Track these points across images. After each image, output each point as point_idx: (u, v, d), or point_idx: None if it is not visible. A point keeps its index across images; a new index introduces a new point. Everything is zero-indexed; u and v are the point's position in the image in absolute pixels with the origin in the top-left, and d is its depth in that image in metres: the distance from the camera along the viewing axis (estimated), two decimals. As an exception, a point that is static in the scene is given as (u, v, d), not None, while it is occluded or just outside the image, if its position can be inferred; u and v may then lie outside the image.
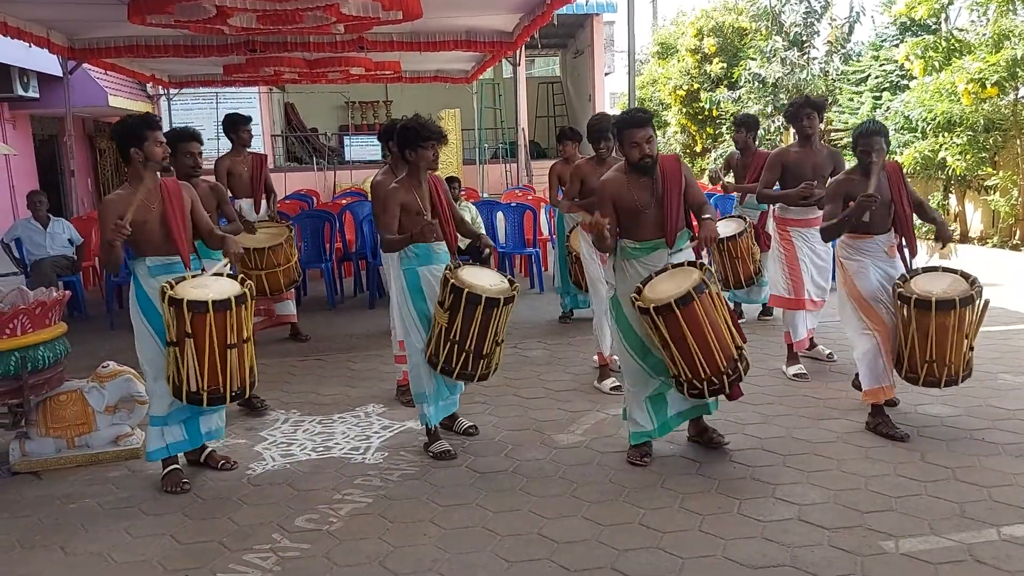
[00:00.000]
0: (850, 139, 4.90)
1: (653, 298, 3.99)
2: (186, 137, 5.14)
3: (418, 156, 4.43)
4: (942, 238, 4.56)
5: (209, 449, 4.45)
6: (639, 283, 4.14)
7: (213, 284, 4.04)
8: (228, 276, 4.19)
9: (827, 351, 6.07)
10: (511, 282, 4.43)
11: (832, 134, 14.45)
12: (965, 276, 4.39)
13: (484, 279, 4.35)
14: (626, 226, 4.28)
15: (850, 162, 5.16)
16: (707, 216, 4.16)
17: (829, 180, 5.45)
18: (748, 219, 6.82)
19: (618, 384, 5.49)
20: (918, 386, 4.46)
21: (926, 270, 4.53)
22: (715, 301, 4.05)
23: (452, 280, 4.19)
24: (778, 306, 6.02)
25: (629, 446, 4.32)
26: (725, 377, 4.03)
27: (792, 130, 6.05)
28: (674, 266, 4.17)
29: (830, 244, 5.78)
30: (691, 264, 4.16)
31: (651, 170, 4.18)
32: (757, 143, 7.38)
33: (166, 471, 4.16)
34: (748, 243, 6.80)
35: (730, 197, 8.40)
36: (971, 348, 4.36)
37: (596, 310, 5.68)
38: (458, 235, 4.71)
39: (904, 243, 4.63)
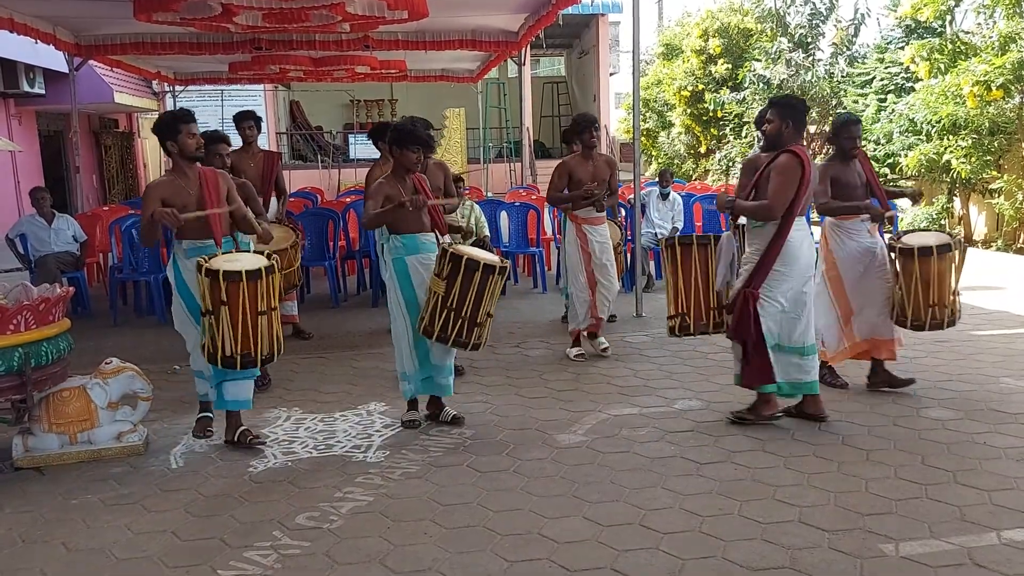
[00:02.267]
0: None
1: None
2: (215, 140, 5.64)
3: (401, 155, 4.80)
4: (916, 197, 5.57)
5: (243, 428, 4.68)
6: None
7: (243, 258, 4.48)
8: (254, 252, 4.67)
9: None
10: (502, 258, 4.78)
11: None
12: (940, 231, 5.39)
13: (478, 253, 4.73)
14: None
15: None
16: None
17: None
18: None
19: (583, 352, 6.28)
20: (925, 331, 5.12)
21: (907, 232, 5.34)
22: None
23: (451, 251, 4.55)
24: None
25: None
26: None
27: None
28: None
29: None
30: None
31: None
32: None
33: (199, 416, 4.82)
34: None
35: None
36: (956, 292, 5.11)
37: (572, 292, 6.38)
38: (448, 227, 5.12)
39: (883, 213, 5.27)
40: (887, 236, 5.39)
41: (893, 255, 5.16)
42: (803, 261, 4.65)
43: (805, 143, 5.95)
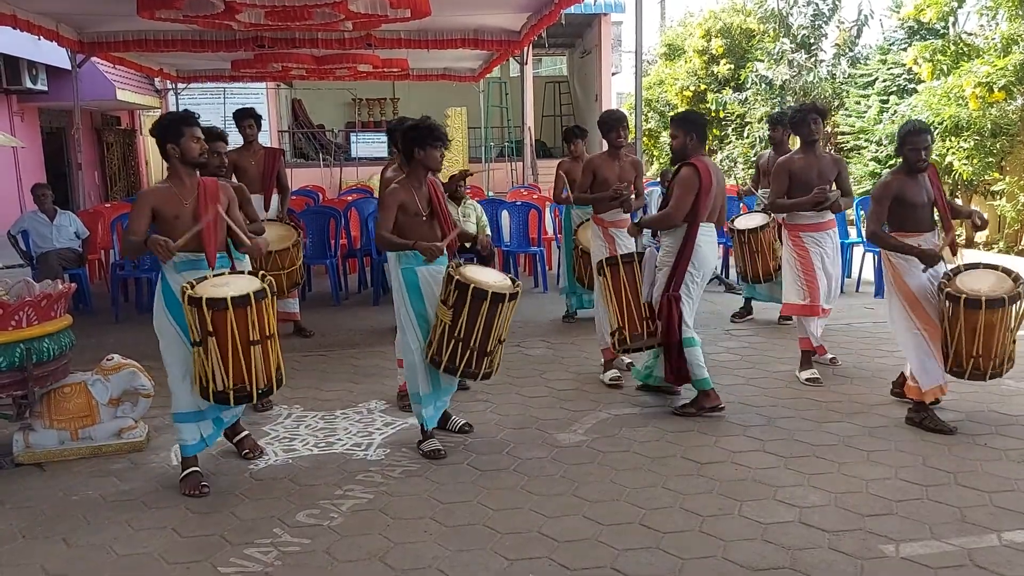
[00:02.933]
0: (860, 142, 5.10)
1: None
2: (212, 136, 5.16)
3: (426, 155, 4.45)
4: (978, 224, 4.74)
5: (244, 433, 4.53)
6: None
7: (233, 281, 4.00)
8: (248, 273, 4.18)
9: (830, 356, 6.05)
10: (513, 281, 4.44)
11: (839, 137, 14.43)
12: (1007, 272, 4.60)
13: (487, 276, 4.37)
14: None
15: (855, 164, 5.35)
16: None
17: (837, 183, 5.77)
18: (774, 216, 6.85)
19: (619, 375, 5.63)
20: (963, 379, 4.61)
21: (968, 267, 4.67)
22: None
23: (456, 277, 4.20)
24: (793, 313, 5.89)
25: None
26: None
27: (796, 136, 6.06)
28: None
29: (837, 252, 5.84)
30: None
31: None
32: (764, 145, 7.45)
33: (186, 473, 4.09)
34: (771, 237, 6.87)
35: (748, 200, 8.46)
36: (1014, 341, 4.55)
37: (600, 306, 5.70)
38: (466, 241, 4.95)
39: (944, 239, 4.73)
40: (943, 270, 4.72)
41: (940, 295, 4.55)
42: (710, 263, 5.08)
43: (822, 143, 5.89)
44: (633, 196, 5.86)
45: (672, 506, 3.76)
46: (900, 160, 4.77)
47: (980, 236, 11.32)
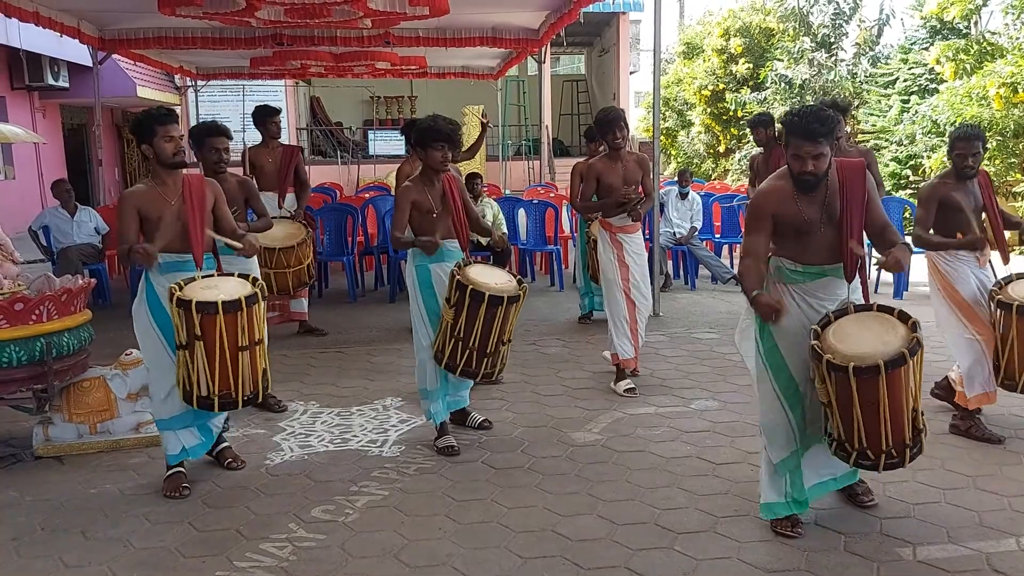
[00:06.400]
0: (880, 141, 4.97)
1: (850, 354, 3.20)
2: (213, 131, 5.07)
3: (427, 156, 4.48)
4: None
5: (223, 445, 4.39)
6: (815, 325, 3.38)
7: (223, 284, 3.93)
8: (239, 276, 4.08)
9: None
10: (519, 282, 4.42)
11: (860, 136, 14.32)
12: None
13: (492, 277, 4.36)
14: (789, 245, 3.53)
15: (884, 164, 5.14)
16: (899, 243, 3.45)
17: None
18: None
19: (632, 386, 5.45)
20: (1016, 392, 4.38)
21: (1020, 276, 4.43)
22: (919, 361, 3.28)
23: (458, 277, 4.24)
24: None
25: (770, 519, 3.54)
26: (908, 450, 3.33)
27: None
28: (857, 308, 3.41)
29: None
30: (884, 309, 3.40)
31: (813, 187, 3.43)
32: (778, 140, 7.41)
33: (169, 473, 4.04)
34: None
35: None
36: None
37: (609, 311, 5.55)
38: (475, 233, 4.77)
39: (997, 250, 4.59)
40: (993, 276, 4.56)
41: (992, 305, 4.36)
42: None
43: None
44: (643, 197, 5.49)
45: (687, 506, 3.74)
46: (950, 164, 4.67)
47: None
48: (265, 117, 6.88)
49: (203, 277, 3.93)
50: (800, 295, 3.49)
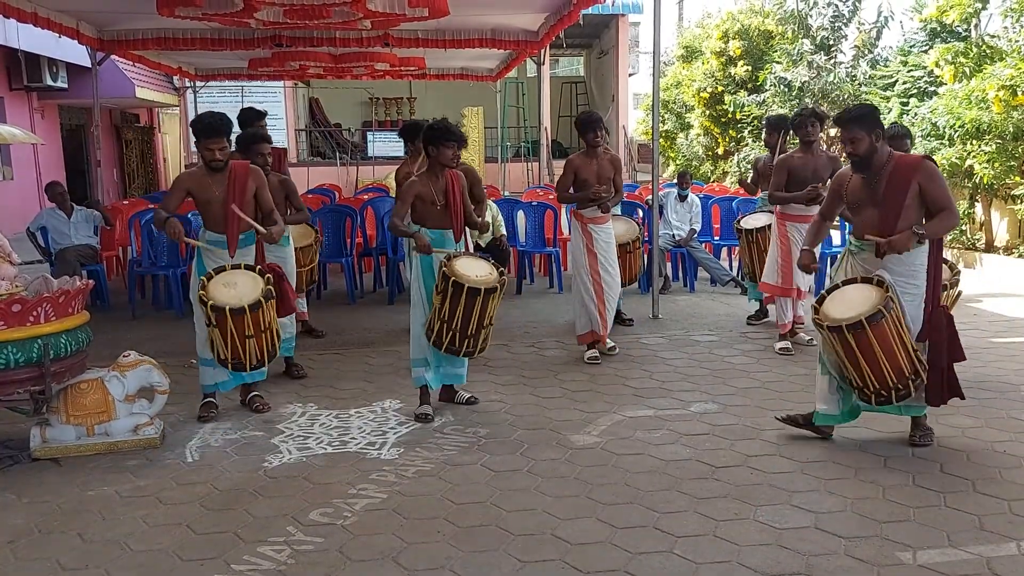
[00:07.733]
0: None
1: (840, 317, 4.15)
2: (257, 139, 5.94)
3: (439, 153, 5.00)
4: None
5: (253, 393, 5.23)
6: (814, 302, 4.36)
7: (241, 282, 4.88)
8: (258, 272, 4.99)
9: (808, 337, 6.58)
10: (501, 274, 5.01)
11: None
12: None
13: (474, 269, 4.94)
14: (854, 220, 4.45)
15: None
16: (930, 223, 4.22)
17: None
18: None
19: (596, 355, 6.20)
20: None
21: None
22: (896, 314, 4.13)
23: (444, 268, 4.84)
24: (767, 292, 6.74)
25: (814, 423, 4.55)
26: (911, 382, 4.19)
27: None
28: (844, 283, 4.34)
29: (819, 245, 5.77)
30: (865, 280, 4.27)
31: (859, 167, 4.29)
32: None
33: (203, 402, 5.10)
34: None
35: (752, 201, 8.40)
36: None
37: (576, 292, 6.32)
38: (467, 225, 5.26)
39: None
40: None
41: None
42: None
43: (827, 145, 6.35)
44: (613, 194, 6.29)
45: (687, 510, 3.73)
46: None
47: (1000, 240, 11.20)
48: (250, 121, 6.75)
49: (231, 267, 4.94)
50: (858, 264, 4.36)
